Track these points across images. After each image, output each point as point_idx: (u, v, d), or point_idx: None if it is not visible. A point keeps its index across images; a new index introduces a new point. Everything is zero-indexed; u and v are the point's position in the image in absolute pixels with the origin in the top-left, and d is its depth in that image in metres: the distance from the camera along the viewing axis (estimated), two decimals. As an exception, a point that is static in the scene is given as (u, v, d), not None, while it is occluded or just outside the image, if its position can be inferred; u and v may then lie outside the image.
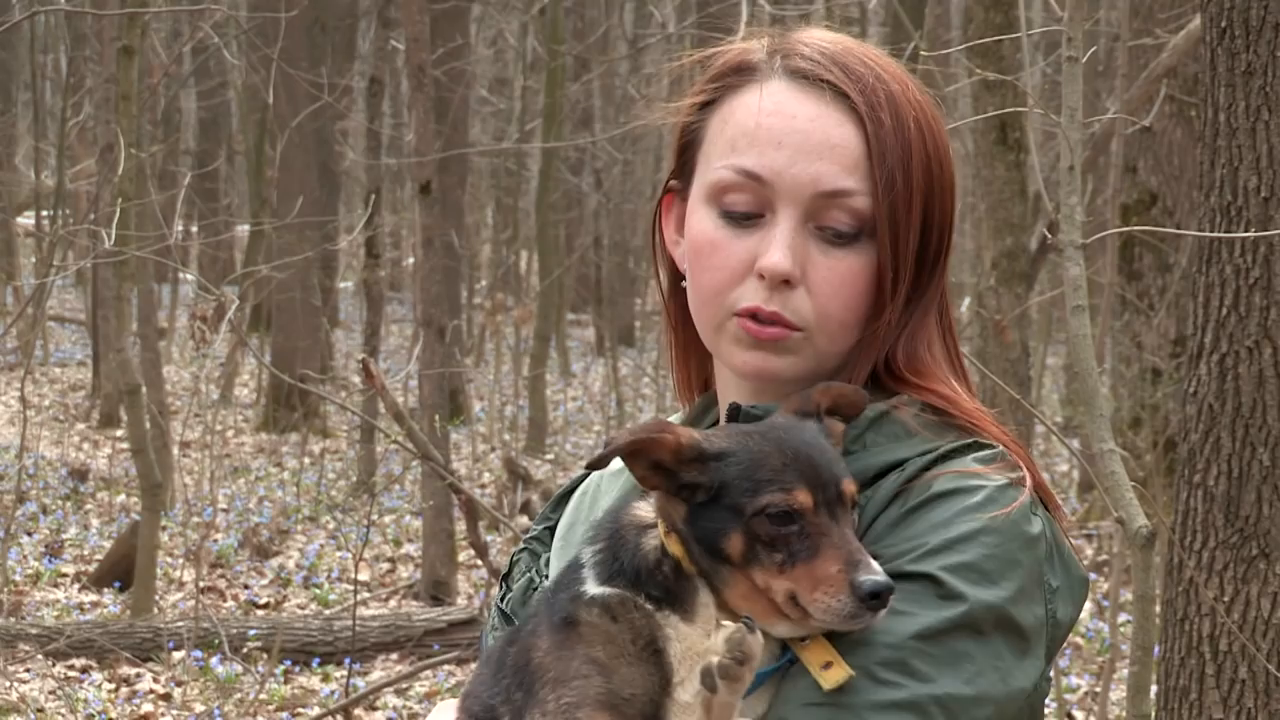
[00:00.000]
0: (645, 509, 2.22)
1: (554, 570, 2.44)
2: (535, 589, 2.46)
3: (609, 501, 2.47)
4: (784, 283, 2.27)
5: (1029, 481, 2.26)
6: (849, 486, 2.14)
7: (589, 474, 2.56)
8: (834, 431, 2.24)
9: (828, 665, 2.10)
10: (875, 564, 2.08)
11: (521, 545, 2.56)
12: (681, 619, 2.14)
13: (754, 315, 2.29)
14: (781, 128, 2.29)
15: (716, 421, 2.42)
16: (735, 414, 2.30)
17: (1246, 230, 4.81)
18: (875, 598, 2.06)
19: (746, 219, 2.30)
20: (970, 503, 2.20)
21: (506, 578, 2.55)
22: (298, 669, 11.04)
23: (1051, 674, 2.32)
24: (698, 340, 2.43)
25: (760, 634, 2.07)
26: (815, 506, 2.11)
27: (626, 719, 2.08)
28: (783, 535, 2.10)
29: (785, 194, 2.28)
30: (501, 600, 2.53)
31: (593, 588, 2.18)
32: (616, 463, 2.57)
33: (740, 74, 2.36)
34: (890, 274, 2.29)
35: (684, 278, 2.41)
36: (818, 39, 2.36)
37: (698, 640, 2.12)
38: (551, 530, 2.56)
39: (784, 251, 2.26)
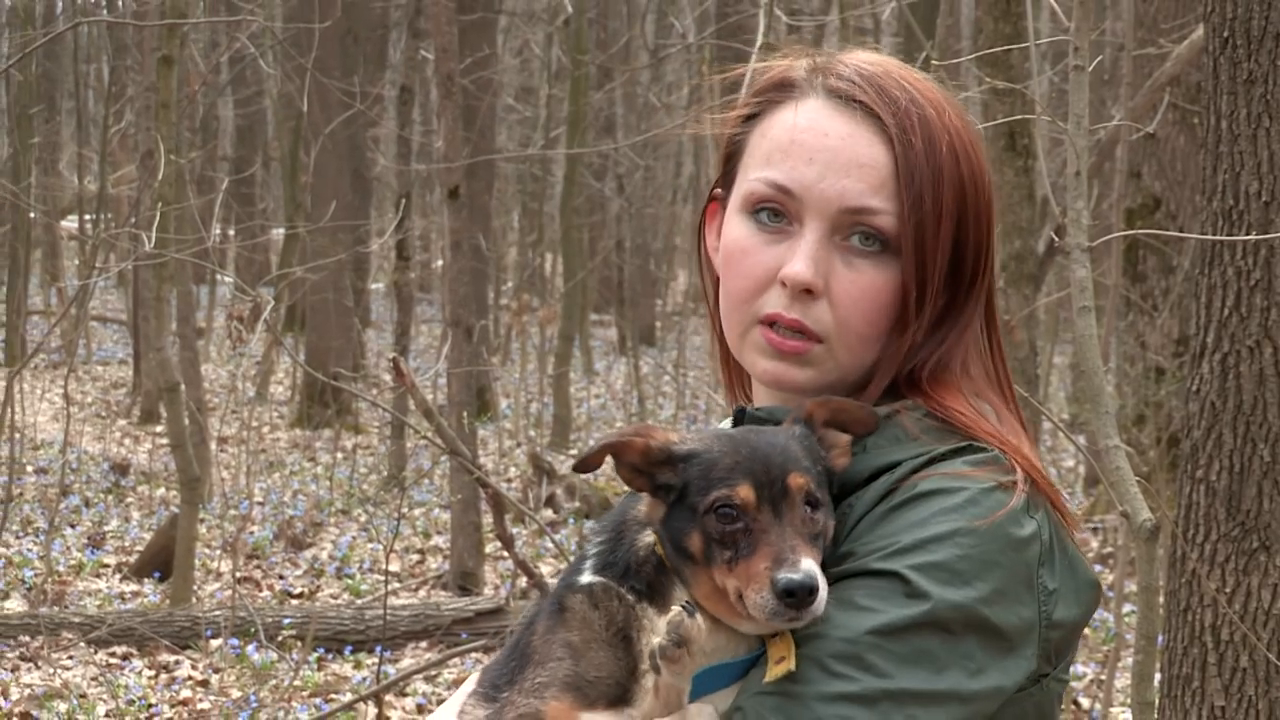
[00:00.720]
0: (644, 502, 2.25)
1: None
2: None
3: None
4: (806, 292, 2.27)
5: (1021, 485, 2.23)
6: (795, 480, 2.13)
7: None
8: (836, 443, 2.23)
9: (781, 659, 2.10)
10: (804, 561, 2.07)
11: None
12: (657, 612, 2.16)
13: (775, 323, 2.28)
14: (814, 144, 2.30)
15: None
16: (740, 417, 2.31)
17: (1248, 233, 4.80)
18: (790, 595, 2.05)
19: (776, 230, 2.30)
20: (950, 504, 2.18)
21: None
22: (331, 656, 11.06)
23: (1066, 674, 2.29)
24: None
25: (700, 619, 2.08)
26: (758, 502, 2.11)
27: (589, 700, 2.11)
28: (730, 533, 2.11)
29: (813, 208, 2.28)
30: None
31: (585, 577, 2.21)
32: None
33: (781, 90, 2.37)
34: (915, 292, 2.28)
35: None
36: (860, 60, 2.36)
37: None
38: None
39: (807, 262, 2.27)
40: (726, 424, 2.58)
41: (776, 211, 2.30)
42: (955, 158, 2.30)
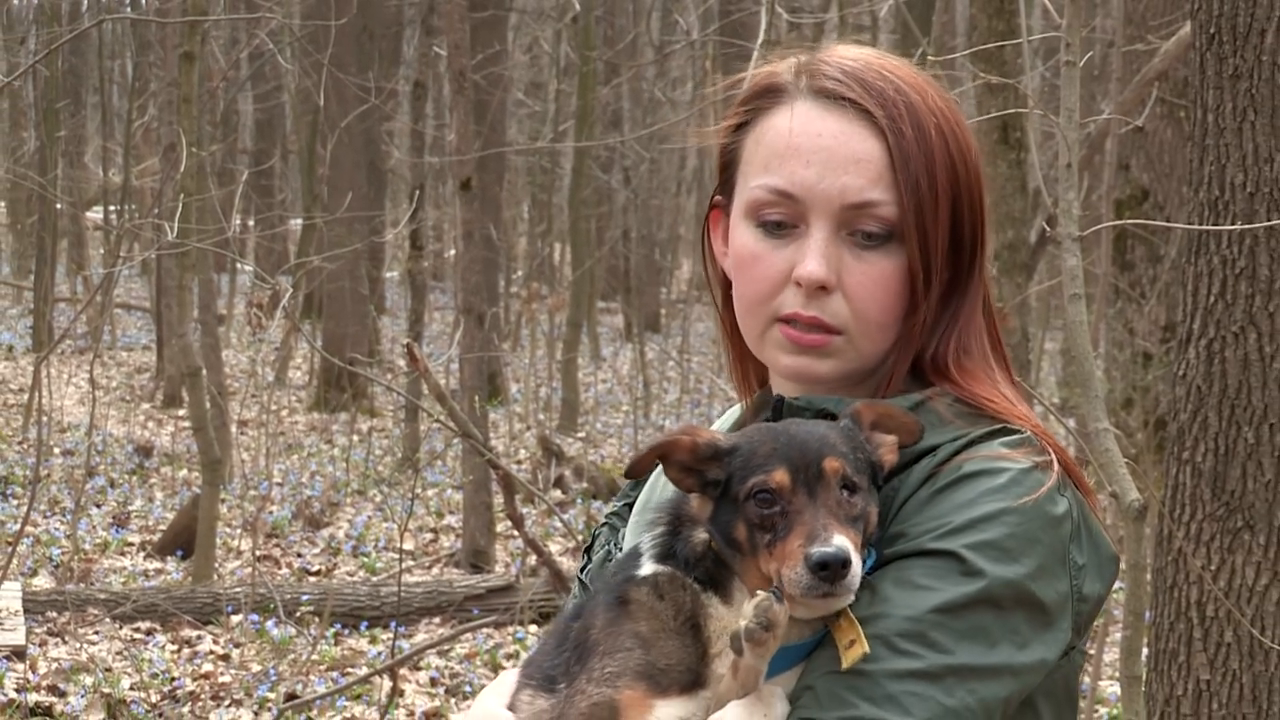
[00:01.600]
0: (694, 500, 2.24)
1: (627, 545, 2.47)
2: (609, 560, 2.49)
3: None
4: (820, 289, 2.28)
5: (1055, 465, 2.25)
6: (830, 464, 2.13)
7: None
8: (883, 442, 2.23)
9: (851, 643, 2.10)
10: (837, 537, 2.06)
11: (603, 520, 2.60)
12: (721, 601, 2.15)
13: (794, 320, 2.29)
14: (808, 146, 2.29)
15: (770, 418, 2.44)
16: (780, 406, 2.31)
17: (1233, 224, 4.80)
18: (823, 568, 2.04)
19: (783, 232, 2.30)
20: (995, 484, 2.20)
21: (589, 550, 2.58)
22: (347, 632, 11.07)
23: (1087, 646, 2.32)
24: (743, 344, 2.45)
25: (785, 604, 2.07)
26: (793, 485, 2.11)
27: (662, 687, 2.09)
28: (768, 517, 2.11)
29: (817, 207, 2.28)
30: (582, 570, 2.57)
31: (648, 568, 2.20)
32: None
33: (769, 96, 2.36)
34: (922, 273, 2.29)
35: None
36: (841, 57, 2.36)
37: (733, 621, 2.12)
38: (630, 506, 2.58)
39: (818, 260, 2.27)
40: (734, 412, 2.59)
41: (780, 223, 2.30)
42: (944, 139, 2.31)
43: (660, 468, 2.42)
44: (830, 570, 2.05)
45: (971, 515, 2.17)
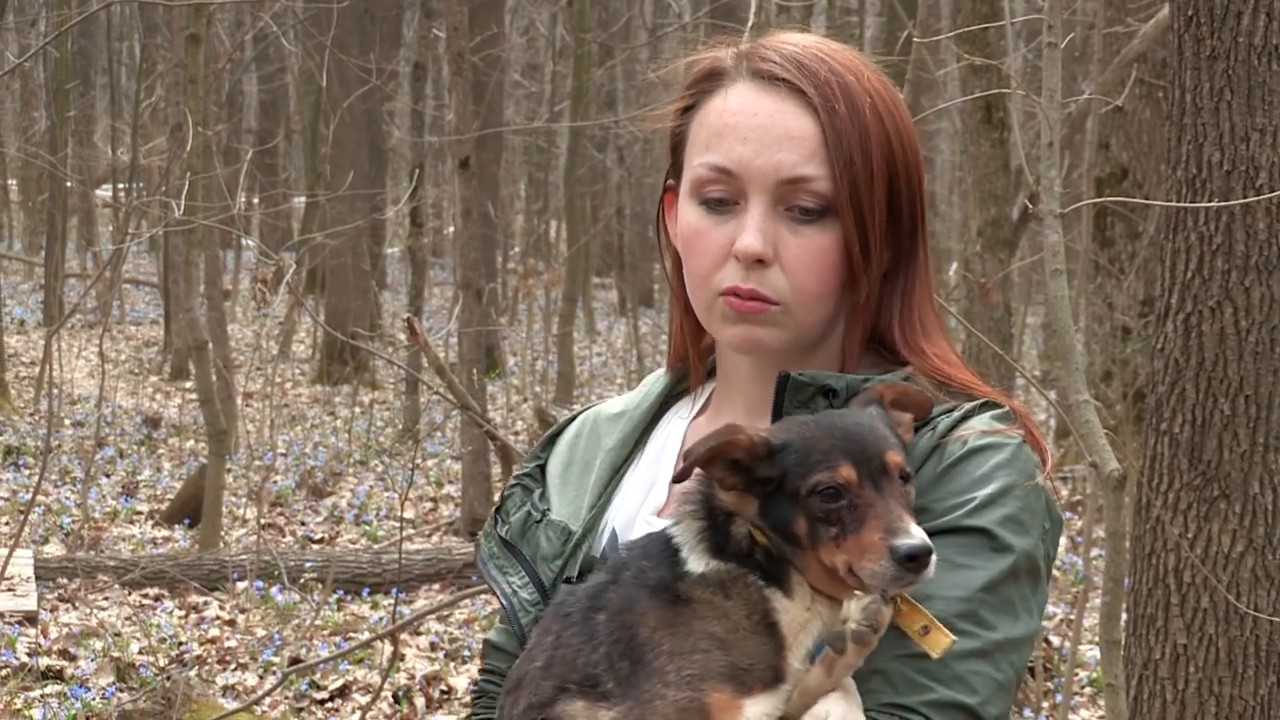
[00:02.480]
0: (728, 496, 2.19)
1: (559, 504, 2.46)
2: (533, 522, 2.46)
3: (611, 443, 2.49)
4: (758, 262, 2.28)
5: (1032, 436, 2.30)
6: (893, 458, 2.12)
7: (575, 417, 2.59)
8: (901, 420, 2.22)
9: (925, 630, 2.10)
10: (914, 528, 2.06)
11: (514, 481, 2.55)
12: (784, 595, 2.13)
13: (734, 293, 2.29)
14: (745, 125, 2.31)
15: (686, 391, 2.51)
16: (784, 382, 2.29)
17: (1210, 201, 4.79)
18: (913, 560, 2.04)
19: (724, 209, 2.31)
20: (1002, 459, 2.22)
21: (499, 511, 2.52)
22: (349, 598, 11.07)
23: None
24: (694, 319, 2.45)
25: (890, 607, 2.07)
26: (859, 480, 2.09)
27: (747, 687, 2.07)
28: (834, 511, 2.09)
29: (753, 183, 2.29)
30: (498, 530, 2.50)
31: (699, 565, 2.15)
32: (615, 406, 2.58)
33: (712, 79, 2.38)
34: (859, 246, 2.29)
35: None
36: (781, 42, 2.37)
37: (799, 613, 2.11)
38: (542, 468, 2.55)
39: (755, 235, 2.27)
40: (653, 379, 2.57)
41: (721, 199, 2.31)
42: (879, 117, 2.31)
43: (579, 423, 2.45)
44: (918, 561, 2.05)
45: (990, 490, 2.19)
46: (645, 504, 2.43)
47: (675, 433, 2.49)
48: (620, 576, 2.20)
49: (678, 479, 2.18)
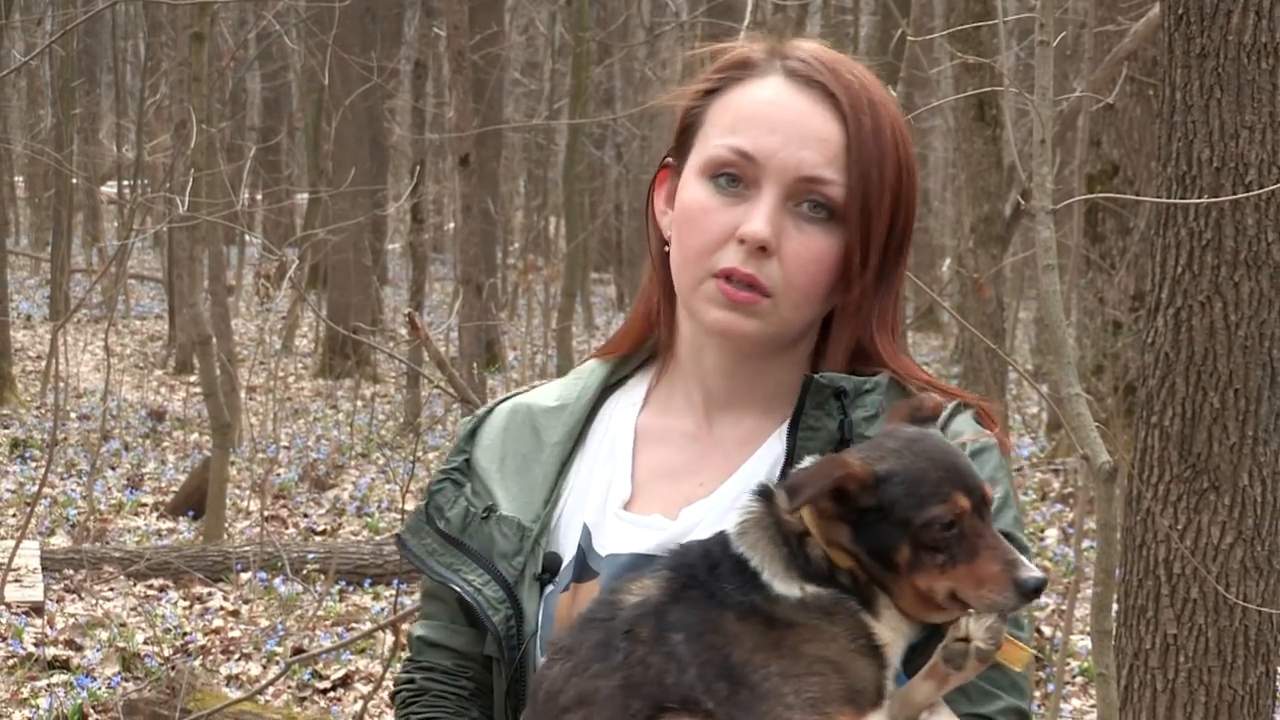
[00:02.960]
0: (793, 517, 2.16)
1: (506, 499, 2.42)
2: (476, 517, 2.42)
3: (556, 437, 2.45)
4: (761, 249, 2.28)
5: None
6: (989, 491, 2.16)
7: (495, 409, 2.55)
8: None
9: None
10: (1026, 560, 2.11)
11: (441, 476, 2.50)
12: (874, 618, 2.14)
13: (730, 276, 2.29)
14: (776, 116, 2.32)
15: (629, 373, 2.49)
16: (809, 384, 2.29)
17: (1200, 197, 4.79)
18: (1037, 592, 2.10)
19: (735, 190, 2.31)
20: (998, 460, 2.31)
21: (429, 506, 2.47)
22: (351, 589, 11.07)
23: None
24: (669, 303, 2.44)
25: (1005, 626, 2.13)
26: (971, 511, 2.12)
27: (862, 710, 2.09)
28: (944, 539, 2.10)
29: (772, 173, 2.30)
30: (436, 525, 2.45)
31: (792, 589, 2.14)
32: (546, 398, 2.52)
33: (743, 68, 2.39)
34: (859, 256, 2.31)
35: (668, 245, 2.41)
36: (811, 47, 2.40)
37: (887, 635, 2.13)
38: (469, 462, 2.51)
39: (765, 222, 2.28)
40: (590, 369, 2.53)
41: (734, 177, 2.31)
42: (895, 143, 2.34)
43: (508, 417, 2.45)
44: (1039, 593, 2.11)
45: (999, 494, 2.23)
46: (608, 500, 2.39)
47: (622, 425, 2.46)
48: (684, 595, 2.15)
49: (793, 507, 2.13)
